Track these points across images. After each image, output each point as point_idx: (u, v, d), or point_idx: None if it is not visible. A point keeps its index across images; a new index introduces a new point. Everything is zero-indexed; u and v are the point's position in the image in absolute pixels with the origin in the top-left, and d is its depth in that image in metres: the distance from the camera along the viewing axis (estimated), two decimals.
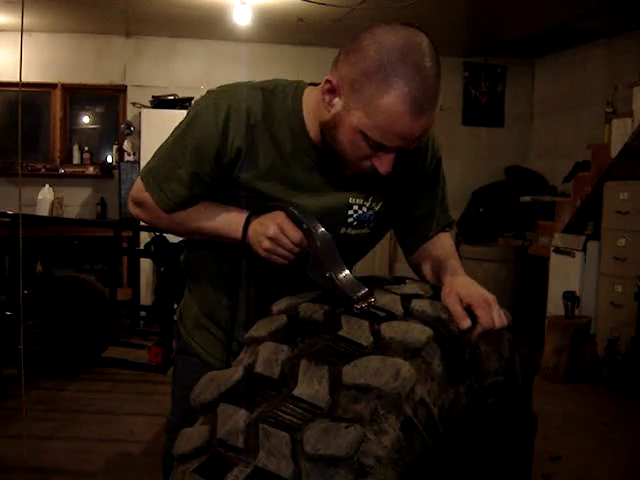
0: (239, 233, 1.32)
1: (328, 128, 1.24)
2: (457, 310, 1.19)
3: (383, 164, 1.24)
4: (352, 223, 1.38)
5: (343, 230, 1.37)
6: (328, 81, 1.21)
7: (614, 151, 4.96)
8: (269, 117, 1.29)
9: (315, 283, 1.24)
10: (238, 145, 1.28)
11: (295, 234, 1.24)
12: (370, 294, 1.19)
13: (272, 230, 1.25)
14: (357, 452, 0.96)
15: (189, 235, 1.48)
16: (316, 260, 1.23)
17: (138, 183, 1.39)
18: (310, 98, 1.31)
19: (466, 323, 1.17)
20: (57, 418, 3.67)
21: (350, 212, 1.37)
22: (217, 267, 1.47)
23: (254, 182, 1.31)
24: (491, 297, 1.22)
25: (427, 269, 1.45)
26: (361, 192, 1.36)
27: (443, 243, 1.50)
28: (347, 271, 1.23)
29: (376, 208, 1.40)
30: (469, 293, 1.21)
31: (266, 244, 1.26)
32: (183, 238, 1.67)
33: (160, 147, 1.39)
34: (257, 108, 1.29)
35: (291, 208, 1.26)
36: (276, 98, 1.31)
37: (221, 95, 1.31)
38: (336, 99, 1.21)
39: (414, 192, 1.46)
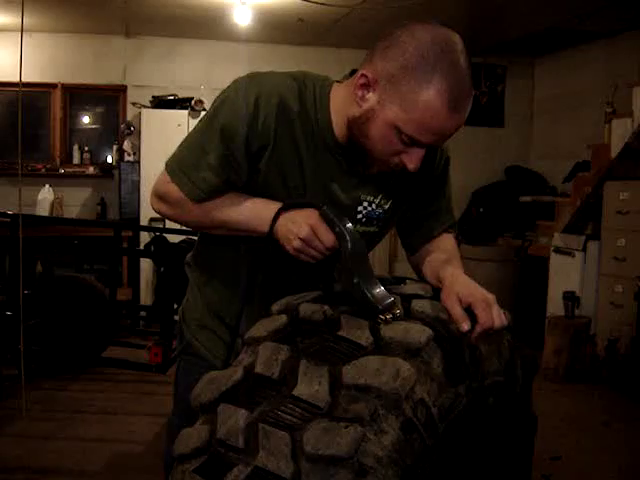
0: (266, 227, 1.28)
1: (358, 123, 1.23)
2: (456, 311, 1.18)
3: (412, 160, 1.23)
4: (361, 220, 1.38)
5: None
6: (364, 75, 1.20)
7: (614, 151, 4.96)
8: (302, 106, 1.29)
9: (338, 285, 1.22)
10: (269, 129, 1.26)
11: (328, 238, 1.22)
12: (395, 304, 1.17)
13: (305, 232, 1.22)
14: (357, 452, 0.96)
15: (214, 229, 1.41)
16: (346, 265, 1.20)
17: (162, 176, 1.35)
18: (337, 94, 1.31)
19: (466, 325, 1.16)
20: (57, 418, 3.67)
21: (360, 208, 1.37)
22: (231, 264, 1.45)
23: (280, 169, 1.30)
24: (491, 297, 1.21)
25: (427, 269, 1.43)
26: (372, 189, 1.37)
27: (445, 244, 1.49)
28: (376, 279, 1.20)
29: (385, 207, 1.40)
30: (469, 293, 1.21)
31: (297, 244, 1.24)
32: (184, 238, 1.66)
33: (186, 137, 1.35)
34: (290, 96, 1.28)
35: (325, 208, 1.22)
36: (307, 89, 1.30)
37: (252, 80, 1.29)
38: (370, 94, 1.20)
39: (422, 191, 1.46)
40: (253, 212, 1.31)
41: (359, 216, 1.38)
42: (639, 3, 4.73)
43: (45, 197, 6.08)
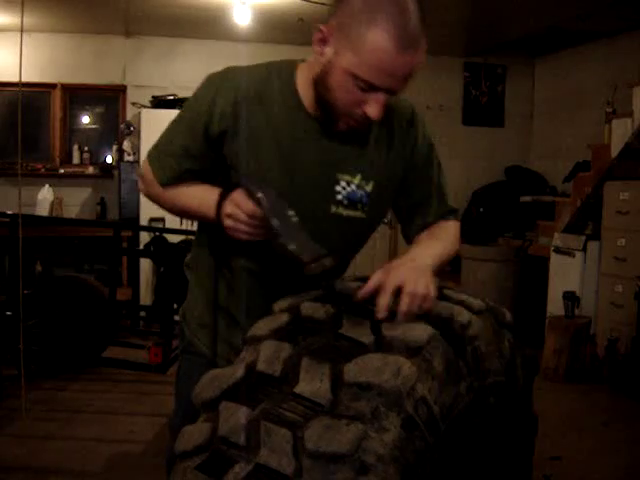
0: (213, 213, 1.35)
1: (321, 78, 1.29)
2: (369, 284, 1.20)
3: (373, 108, 1.26)
4: (342, 201, 1.39)
5: (334, 209, 1.39)
6: (320, 31, 1.27)
7: (614, 151, 4.96)
8: (262, 92, 1.36)
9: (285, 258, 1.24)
10: (225, 119, 1.35)
11: (247, 205, 1.27)
12: (326, 256, 1.20)
13: (229, 208, 1.30)
14: (358, 449, 0.96)
15: (179, 214, 1.57)
16: (267, 225, 1.24)
17: (145, 159, 1.48)
18: (303, 72, 1.38)
19: (360, 295, 1.19)
20: (57, 418, 3.66)
21: (338, 188, 1.38)
22: (227, 261, 1.49)
23: (243, 154, 1.36)
24: (413, 287, 1.18)
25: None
26: (349, 168, 1.39)
27: (439, 229, 1.50)
28: (304, 234, 1.23)
29: (367, 188, 1.40)
30: (397, 273, 1.21)
31: (227, 222, 1.31)
32: (183, 238, 1.70)
33: (166, 127, 1.48)
34: (248, 85, 1.36)
35: (243, 181, 1.29)
36: (270, 75, 1.39)
37: (215, 75, 1.41)
38: (327, 48, 1.27)
39: (408, 178, 1.48)
40: (202, 200, 1.39)
41: (339, 197, 1.39)
42: (639, 3, 4.73)
43: (45, 197, 6.08)
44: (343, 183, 1.38)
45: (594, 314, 4.78)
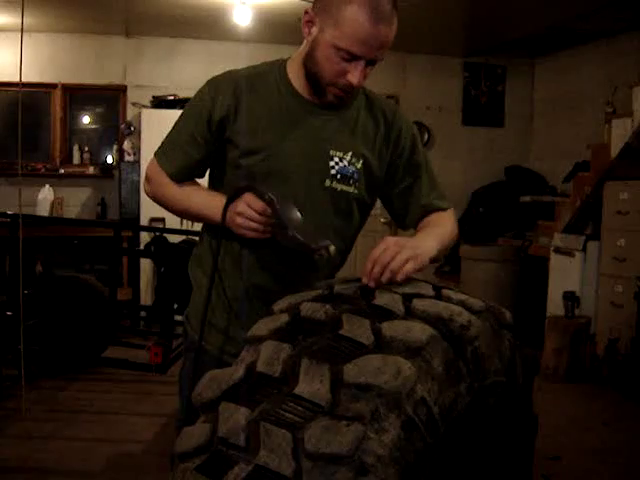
0: (219, 216, 1.48)
1: (309, 55, 1.47)
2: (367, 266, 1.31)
3: (354, 75, 1.43)
4: (335, 176, 1.54)
5: (328, 182, 1.53)
6: (306, 13, 1.46)
7: (614, 151, 4.96)
8: (258, 84, 1.54)
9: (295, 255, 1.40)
10: (227, 104, 1.51)
11: (258, 204, 1.41)
12: (329, 244, 1.36)
13: (240, 206, 1.43)
14: (358, 450, 0.96)
15: (182, 214, 1.68)
16: (278, 223, 1.39)
17: (152, 159, 1.61)
18: (291, 61, 1.56)
19: (365, 279, 1.30)
20: (57, 418, 3.67)
21: (332, 163, 1.53)
22: (228, 261, 1.59)
23: (245, 134, 1.51)
24: (404, 254, 1.31)
25: None
26: (340, 145, 1.54)
27: (435, 219, 1.61)
28: (309, 230, 1.39)
29: (357, 165, 1.55)
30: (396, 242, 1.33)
31: (238, 220, 1.44)
32: (184, 238, 1.74)
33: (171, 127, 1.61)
34: (244, 79, 1.54)
35: (255, 186, 1.43)
36: (264, 70, 1.57)
37: (219, 76, 1.58)
38: (314, 28, 1.45)
39: (397, 165, 1.61)
40: (208, 202, 1.54)
41: (332, 172, 1.53)
42: (639, 3, 4.73)
43: (45, 197, 6.08)
44: (336, 159, 1.53)
45: (594, 314, 4.78)
